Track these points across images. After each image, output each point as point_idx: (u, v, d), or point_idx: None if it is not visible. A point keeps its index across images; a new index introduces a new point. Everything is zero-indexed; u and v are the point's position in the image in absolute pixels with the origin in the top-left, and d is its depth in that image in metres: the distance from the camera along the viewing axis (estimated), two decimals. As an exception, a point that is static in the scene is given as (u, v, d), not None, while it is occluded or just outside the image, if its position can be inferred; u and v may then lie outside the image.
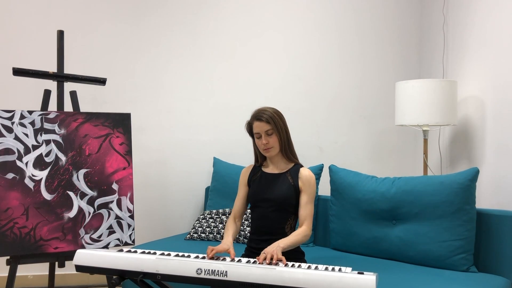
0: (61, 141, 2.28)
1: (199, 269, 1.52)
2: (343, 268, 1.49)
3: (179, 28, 3.22)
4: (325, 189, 3.13)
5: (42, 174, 2.23)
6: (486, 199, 2.62)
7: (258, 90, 3.31)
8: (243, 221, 2.67)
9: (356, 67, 3.40)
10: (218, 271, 1.51)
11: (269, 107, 2.00)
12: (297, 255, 1.99)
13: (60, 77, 2.40)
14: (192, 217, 3.26)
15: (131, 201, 2.39)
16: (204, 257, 1.64)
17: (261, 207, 2.00)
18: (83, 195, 2.29)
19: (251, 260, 1.63)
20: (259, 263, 1.60)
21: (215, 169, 3.05)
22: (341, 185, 2.49)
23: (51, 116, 2.28)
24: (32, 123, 2.24)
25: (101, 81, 2.50)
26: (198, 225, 2.79)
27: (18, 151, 2.20)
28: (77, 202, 2.28)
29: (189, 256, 1.62)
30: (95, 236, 2.30)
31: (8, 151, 2.18)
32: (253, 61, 3.30)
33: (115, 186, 2.36)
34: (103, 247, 2.31)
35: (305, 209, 1.96)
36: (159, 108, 3.20)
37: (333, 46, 3.38)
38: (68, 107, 2.87)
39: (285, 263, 1.61)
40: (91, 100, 3.09)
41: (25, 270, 3.03)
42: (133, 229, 2.38)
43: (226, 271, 1.50)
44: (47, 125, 2.26)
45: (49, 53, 3.02)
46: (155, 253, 1.66)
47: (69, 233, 2.25)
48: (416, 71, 3.45)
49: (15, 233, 2.15)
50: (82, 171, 2.30)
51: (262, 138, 1.97)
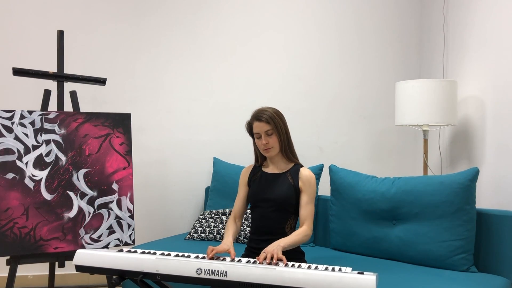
0: (61, 141, 2.28)
1: (199, 269, 1.52)
2: (343, 268, 1.49)
3: (179, 28, 3.22)
4: (325, 189, 3.13)
5: (42, 174, 2.23)
6: (486, 199, 2.62)
7: (258, 90, 3.31)
8: (243, 221, 2.67)
9: (356, 67, 3.40)
10: (218, 271, 1.51)
11: (269, 107, 2.00)
12: (297, 255, 1.99)
13: (60, 77, 2.40)
14: (192, 217, 3.26)
15: (131, 201, 2.39)
16: (204, 257, 1.64)
17: (261, 207, 1.99)
18: (83, 195, 2.29)
19: (251, 260, 1.63)
20: (259, 262, 1.60)
21: (215, 169, 3.05)
22: (341, 185, 2.49)
23: (51, 116, 2.28)
24: (32, 123, 2.24)
25: (101, 81, 2.50)
26: (198, 225, 2.79)
27: (18, 151, 2.20)
28: (77, 202, 2.28)
29: (189, 256, 1.62)
30: (95, 236, 2.30)
31: (8, 151, 2.18)
32: (253, 61, 3.30)
33: (115, 186, 2.36)
34: (103, 247, 2.31)
35: (305, 209, 1.96)
36: (159, 108, 3.20)
37: (333, 46, 3.38)
38: (68, 107, 2.87)
39: (285, 262, 1.61)
40: (91, 100, 3.09)
41: (25, 270, 3.03)
42: (133, 229, 2.38)
43: (226, 271, 1.50)
44: (47, 125, 2.26)
45: (49, 53, 3.02)
46: (155, 253, 1.66)
47: (69, 233, 2.25)
48: (416, 71, 3.45)
49: (15, 233, 2.15)
50: (82, 171, 2.30)
51: (262, 138, 1.97)
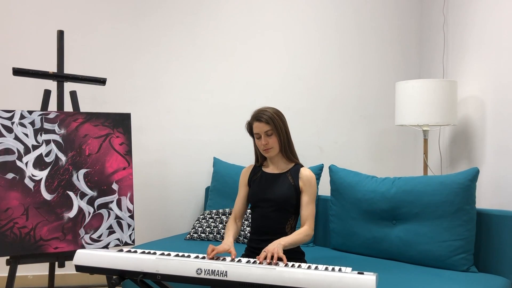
0: (61, 141, 2.28)
1: (199, 269, 1.52)
2: (343, 268, 1.49)
3: (179, 28, 3.22)
4: (325, 189, 3.13)
5: (42, 174, 2.23)
6: (486, 199, 2.62)
7: (258, 90, 3.31)
8: (243, 221, 2.67)
9: (356, 67, 3.40)
10: (218, 271, 1.51)
11: (269, 107, 1.99)
12: (297, 255, 1.99)
13: (60, 77, 2.40)
14: (192, 217, 3.26)
15: (131, 201, 2.39)
16: (204, 257, 1.64)
17: (261, 207, 1.99)
18: (83, 195, 2.29)
19: (251, 260, 1.63)
20: (260, 262, 1.60)
21: (215, 169, 3.05)
22: (341, 185, 2.49)
23: (51, 116, 2.28)
24: (32, 123, 2.24)
25: (101, 81, 2.50)
26: (198, 225, 2.79)
27: (18, 151, 2.20)
28: (77, 202, 2.28)
29: (189, 256, 1.62)
30: (95, 236, 2.30)
31: (8, 151, 2.18)
32: (253, 61, 3.30)
33: (115, 186, 2.36)
34: (103, 247, 2.31)
35: (306, 209, 1.96)
36: (159, 108, 3.20)
37: (333, 46, 3.38)
38: (68, 107, 2.87)
39: (285, 262, 1.61)
40: (91, 100, 3.09)
41: (25, 270, 3.03)
42: (133, 229, 2.38)
43: (226, 271, 1.50)
44: (47, 125, 2.26)
45: (49, 53, 3.02)
46: (155, 253, 1.66)
47: (69, 233, 2.25)
48: (416, 71, 3.45)
49: (15, 233, 2.15)
50: (82, 171, 2.30)
51: (262, 139, 1.97)
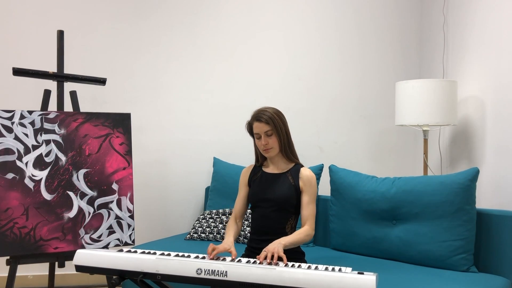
0: (61, 141, 2.28)
1: (199, 269, 1.52)
2: (343, 268, 1.49)
3: (179, 28, 3.22)
4: (325, 189, 3.13)
5: (42, 174, 2.23)
6: (486, 199, 2.62)
7: (258, 90, 3.31)
8: (243, 221, 2.67)
9: (356, 67, 3.40)
10: (218, 271, 1.51)
11: (269, 107, 1.99)
12: (298, 255, 1.99)
13: (60, 77, 2.40)
14: (192, 217, 3.26)
15: (131, 201, 2.39)
16: (204, 257, 1.64)
17: (261, 207, 1.99)
18: (83, 195, 2.29)
19: (251, 260, 1.63)
20: (260, 261, 1.60)
21: (215, 169, 3.05)
22: (341, 185, 2.49)
23: (51, 116, 2.28)
24: (32, 123, 2.24)
25: (101, 81, 2.50)
26: (198, 225, 2.79)
27: (18, 151, 2.20)
28: (77, 202, 2.28)
29: (189, 256, 1.62)
30: (95, 236, 2.30)
31: (8, 151, 2.18)
32: (253, 61, 3.30)
33: (115, 186, 2.36)
34: (103, 247, 2.31)
35: (307, 209, 1.96)
36: (159, 108, 3.20)
37: (333, 46, 3.38)
38: (68, 107, 2.87)
39: (285, 262, 1.61)
40: (91, 100, 3.09)
41: (25, 270, 3.03)
42: (133, 229, 2.38)
43: (226, 271, 1.50)
44: (47, 125, 2.26)
45: (49, 53, 3.02)
46: (155, 253, 1.66)
47: (69, 233, 2.25)
48: (416, 71, 3.45)
49: (15, 233, 2.15)
50: (82, 171, 2.30)
51: (261, 139, 1.97)
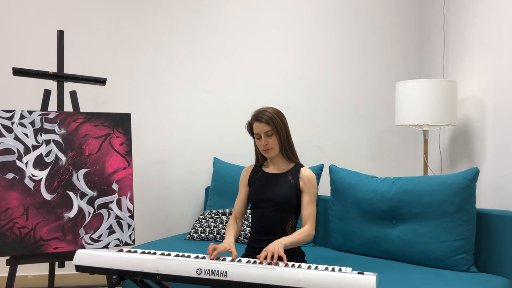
0: (61, 141, 2.28)
1: (199, 269, 1.52)
2: (343, 268, 1.49)
3: (179, 28, 3.22)
4: (325, 189, 3.13)
5: (42, 174, 2.23)
6: (486, 199, 2.62)
7: (258, 90, 3.31)
8: (243, 221, 2.67)
9: (356, 67, 3.40)
10: (218, 271, 1.51)
11: (269, 107, 1.99)
12: (298, 255, 1.99)
13: (60, 77, 2.40)
14: (192, 217, 3.26)
15: (131, 201, 2.39)
16: (204, 257, 1.64)
17: (261, 207, 1.99)
18: (83, 195, 2.29)
19: (251, 260, 1.63)
20: (260, 261, 1.60)
21: (215, 169, 3.05)
22: (341, 185, 2.49)
23: (51, 116, 2.28)
24: (32, 123, 2.24)
25: (101, 81, 2.50)
26: (198, 225, 2.79)
27: (18, 151, 2.20)
28: (77, 202, 2.28)
29: (189, 256, 1.62)
30: (95, 236, 2.30)
31: (8, 151, 2.18)
32: (253, 61, 3.30)
33: (115, 186, 2.36)
34: (103, 247, 2.31)
35: (307, 209, 1.96)
36: (159, 108, 3.20)
37: (333, 46, 3.38)
38: (68, 107, 2.87)
39: (285, 262, 1.61)
40: (91, 100, 3.09)
41: (25, 270, 3.03)
42: (133, 229, 2.38)
43: (226, 271, 1.50)
44: (47, 125, 2.26)
45: (49, 53, 3.02)
46: (155, 253, 1.66)
47: (69, 233, 2.25)
48: (416, 71, 3.45)
49: (15, 233, 2.15)
50: (82, 171, 2.30)
51: (262, 139, 1.97)
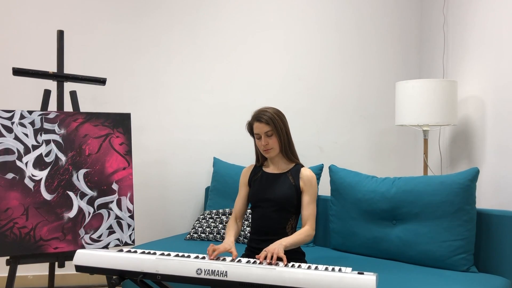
0: (61, 141, 2.28)
1: (199, 269, 1.52)
2: (343, 268, 1.49)
3: (179, 28, 3.22)
4: (325, 189, 3.13)
5: (42, 174, 2.23)
6: (486, 199, 2.62)
7: (258, 90, 3.31)
8: (243, 221, 2.67)
9: (356, 67, 3.40)
10: (218, 271, 1.51)
11: (270, 108, 1.99)
12: (298, 256, 1.98)
13: (60, 77, 2.40)
14: (192, 217, 3.26)
15: (131, 201, 2.39)
16: (204, 257, 1.64)
17: (261, 207, 1.99)
18: (83, 195, 2.29)
19: (251, 260, 1.63)
20: (260, 261, 1.60)
21: (215, 169, 3.05)
22: (341, 185, 2.49)
23: (51, 116, 2.28)
24: (32, 123, 2.24)
25: (101, 81, 2.50)
26: (198, 225, 2.79)
27: (18, 151, 2.20)
28: (77, 202, 2.28)
29: (189, 256, 1.62)
30: (95, 236, 2.30)
31: (8, 151, 2.18)
32: (253, 61, 3.30)
33: (115, 186, 2.36)
34: (103, 247, 2.31)
35: (307, 209, 1.96)
36: (159, 108, 3.20)
37: (333, 46, 3.38)
38: (68, 107, 2.87)
39: (285, 262, 1.61)
40: (91, 100, 3.09)
41: (25, 270, 3.03)
42: (133, 229, 2.38)
43: (226, 271, 1.50)
44: (47, 125, 2.26)
45: (49, 53, 3.02)
46: (155, 253, 1.66)
47: (69, 233, 2.25)
48: (416, 71, 3.45)
49: (15, 233, 2.15)
50: (82, 171, 2.30)
51: (262, 139, 1.96)
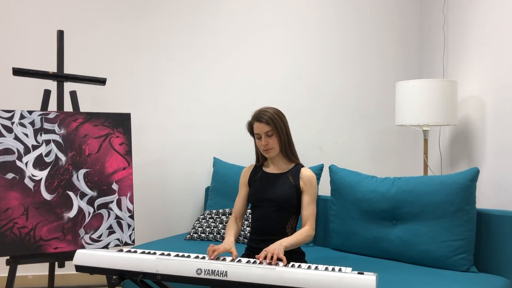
0: (61, 141, 2.28)
1: (199, 269, 1.52)
2: (343, 268, 1.49)
3: (179, 28, 3.22)
4: (325, 189, 3.13)
5: (42, 174, 2.23)
6: (486, 199, 2.62)
7: (258, 90, 3.31)
8: (243, 221, 2.67)
9: (356, 67, 3.40)
10: (218, 271, 1.51)
11: (270, 108, 1.99)
12: (298, 256, 1.98)
13: (60, 77, 2.40)
14: (192, 217, 3.26)
15: (131, 201, 2.39)
16: (204, 257, 1.64)
17: (261, 207, 1.99)
18: (83, 195, 2.29)
19: (251, 260, 1.63)
20: (260, 261, 1.60)
21: (215, 169, 3.05)
22: (341, 185, 2.49)
23: (51, 116, 2.28)
24: (32, 123, 2.24)
25: (101, 81, 2.50)
26: (198, 225, 2.79)
27: (18, 151, 2.20)
28: (77, 202, 2.28)
29: (189, 256, 1.62)
30: (95, 236, 2.30)
31: (8, 151, 2.18)
32: (253, 61, 3.30)
33: (115, 186, 2.36)
34: (103, 247, 2.31)
35: (307, 209, 1.96)
36: (159, 108, 3.20)
37: (333, 46, 3.38)
38: (68, 107, 2.87)
39: (285, 263, 1.61)
40: (91, 100, 3.09)
41: (25, 270, 3.03)
42: (133, 229, 2.38)
43: (226, 271, 1.50)
44: (47, 125, 2.26)
45: (49, 53, 3.02)
46: (155, 253, 1.66)
47: (69, 233, 2.25)
48: (416, 71, 3.45)
49: (15, 233, 2.15)
50: (82, 171, 2.30)
51: (262, 139, 1.96)
